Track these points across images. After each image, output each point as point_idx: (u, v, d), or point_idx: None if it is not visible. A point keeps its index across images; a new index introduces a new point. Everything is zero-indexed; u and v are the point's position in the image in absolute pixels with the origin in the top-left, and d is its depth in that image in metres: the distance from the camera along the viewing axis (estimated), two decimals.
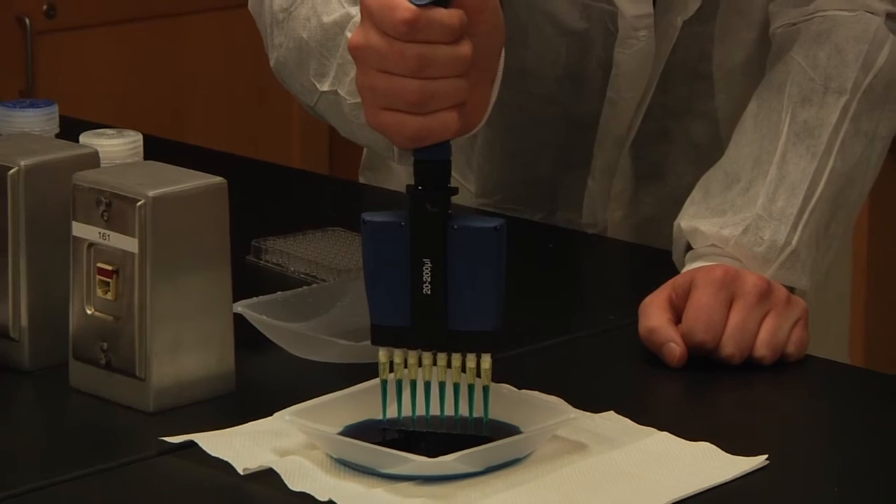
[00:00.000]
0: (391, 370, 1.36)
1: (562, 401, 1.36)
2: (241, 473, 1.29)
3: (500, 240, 1.37)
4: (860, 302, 3.11)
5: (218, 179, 1.41)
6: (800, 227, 1.61)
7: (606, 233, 1.86)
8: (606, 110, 1.80)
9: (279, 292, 1.56)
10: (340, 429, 1.32)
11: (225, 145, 2.54)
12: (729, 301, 1.51)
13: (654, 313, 1.52)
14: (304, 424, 1.31)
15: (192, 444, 1.32)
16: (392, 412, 1.36)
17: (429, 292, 1.36)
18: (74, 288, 1.41)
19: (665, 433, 1.35)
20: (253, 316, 1.49)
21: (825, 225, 1.64)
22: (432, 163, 1.37)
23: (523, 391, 1.38)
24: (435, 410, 1.35)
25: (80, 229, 1.40)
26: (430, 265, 1.36)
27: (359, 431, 1.32)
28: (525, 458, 1.30)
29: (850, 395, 1.51)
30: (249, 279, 1.58)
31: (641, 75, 1.77)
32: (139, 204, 1.37)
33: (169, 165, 1.44)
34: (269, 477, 1.28)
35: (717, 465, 1.31)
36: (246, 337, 1.46)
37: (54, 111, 1.69)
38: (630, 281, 1.85)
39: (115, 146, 1.61)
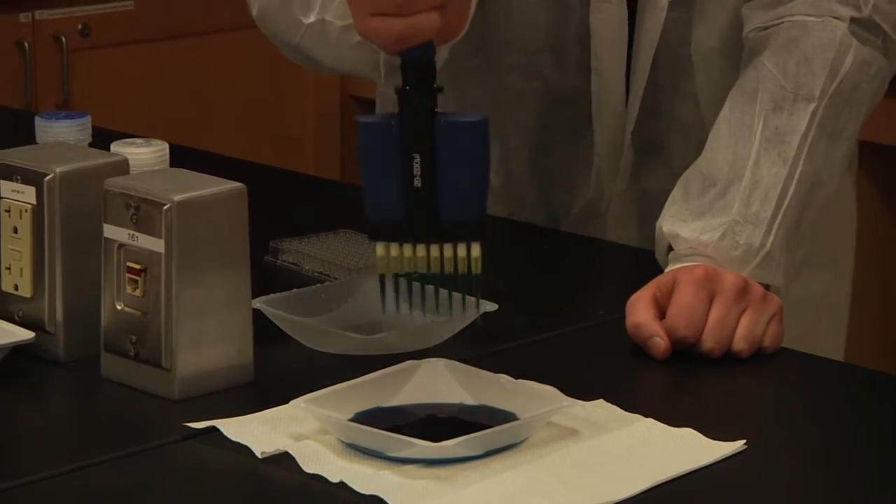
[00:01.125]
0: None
1: (555, 390, 1.35)
2: (260, 457, 1.28)
3: (484, 133, 1.40)
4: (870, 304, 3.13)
5: (238, 185, 1.40)
6: (773, 230, 1.61)
7: (610, 206, 1.85)
8: (595, 83, 1.78)
9: (294, 289, 1.55)
10: (351, 415, 1.31)
11: (244, 153, 2.53)
12: (709, 299, 1.50)
13: (639, 310, 1.51)
14: (318, 411, 1.30)
15: (214, 429, 1.32)
16: (391, 307, 1.43)
17: (419, 185, 1.38)
18: (105, 285, 1.41)
19: (650, 420, 1.34)
20: (270, 311, 1.48)
21: (796, 225, 1.64)
22: (418, 62, 1.40)
23: (519, 381, 1.37)
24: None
25: (110, 231, 1.40)
26: (419, 160, 1.38)
27: (368, 418, 1.31)
28: (521, 442, 1.29)
29: (825, 386, 1.51)
30: (267, 277, 1.57)
31: (618, 42, 1.75)
32: (165, 208, 1.36)
33: (192, 172, 1.44)
34: (285, 460, 1.27)
35: (698, 449, 1.30)
36: (264, 330, 1.45)
37: (87, 122, 1.69)
38: (617, 279, 1.84)
39: (143, 154, 1.61)
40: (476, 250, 1.40)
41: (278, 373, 1.43)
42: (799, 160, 1.64)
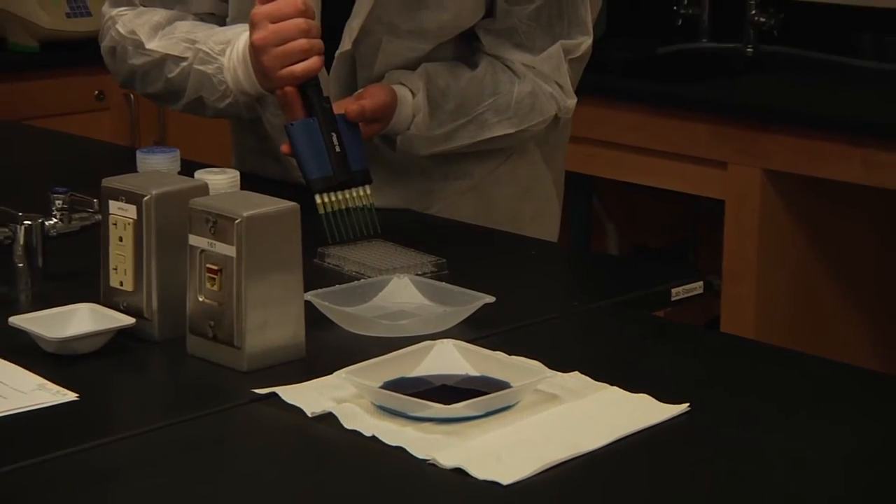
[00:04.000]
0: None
1: (540, 364, 1.35)
2: (309, 416, 1.28)
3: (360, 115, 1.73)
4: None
5: (292, 204, 1.40)
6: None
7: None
8: None
9: (337, 285, 1.54)
10: (381, 384, 1.30)
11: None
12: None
13: None
14: (355, 380, 1.30)
15: (274, 394, 1.31)
16: (336, 250, 1.65)
17: (339, 150, 1.70)
18: (190, 282, 1.40)
19: (615, 388, 1.33)
20: (318, 302, 1.48)
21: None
22: (315, 83, 1.71)
23: (512, 357, 1.36)
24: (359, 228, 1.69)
25: (194, 240, 1.39)
26: (336, 136, 1.70)
27: (394, 385, 1.30)
28: (514, 405, 1.29)
29: (747, 360, 1.50)
30: (316, 276, 1.56)
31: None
32: (237, 222, 1.35)
33: (257, 194, 1.43)
34: (329, 418, 1.27)
35: (652, 410, 1.29)
36: (313, 317, 1.44)
37: (177, 155, 1.69)
38: (587, 276, 1.84)
39: (220, 180, 1.62)
40: (370, 188, 1.72)
41: (324, 350, 1.42)
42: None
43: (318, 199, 1.68)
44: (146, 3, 1.87)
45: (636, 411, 1.28)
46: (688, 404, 1.29)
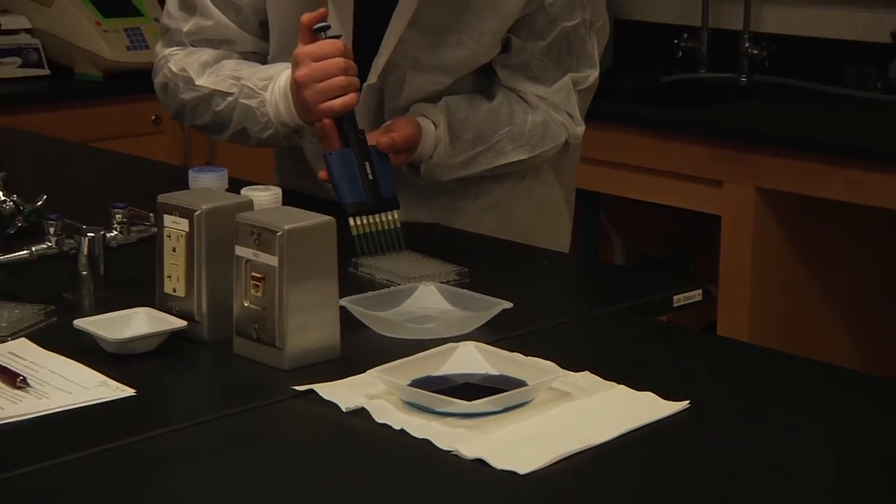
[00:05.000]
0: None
1: (554, 364, 1.34)
2: (344, 410, 1.27)
3: (390, 147, 1.73)
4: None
5: (329, 218, 1.39)
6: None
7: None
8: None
9: (369, 292, 1.53)
10: (409, 381, 1.30)
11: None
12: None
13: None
14: (385, 378, 1.29)
15: (312, 391, 1.31)
16: (368, 260, 1.65)
17: (371, 178, 1.70)
18: (236, 288, 1.39)
19: (622, 386, 1.32)
20: (352, 307, 1.47)
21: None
22: (351, 116, 1.70)
23: (528, 357, 1.35)
24: (387, 248, 1.69)
25: (240, 251, 1.38)
26: (369, 165, 1.70)
27: (421, 383, 1.30)
28: (530, 401, 1.28)
29: (746, 362, 1.49)
30: (350, 283, 1.55)
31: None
32: (278, 234, 1.35)
33: (296, 209, 1.42)
34: (362, 413, 1.26)
35: (655, 407, 1.28)
36: (348, 321, 1.44)
37: (225, 174, 1.69)
38: (595, 284, 1.83)
39: (263, 197, 1.61)
40: (398, 213, 1.71)
41: (357, 351, 1.41)
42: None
43: (351, 221, 1.67)
44: (195, 43, 1.87)
45: (641, 408, 1.28)
46: (688, 401, 1.28)
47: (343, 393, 1.30)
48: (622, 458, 1.20)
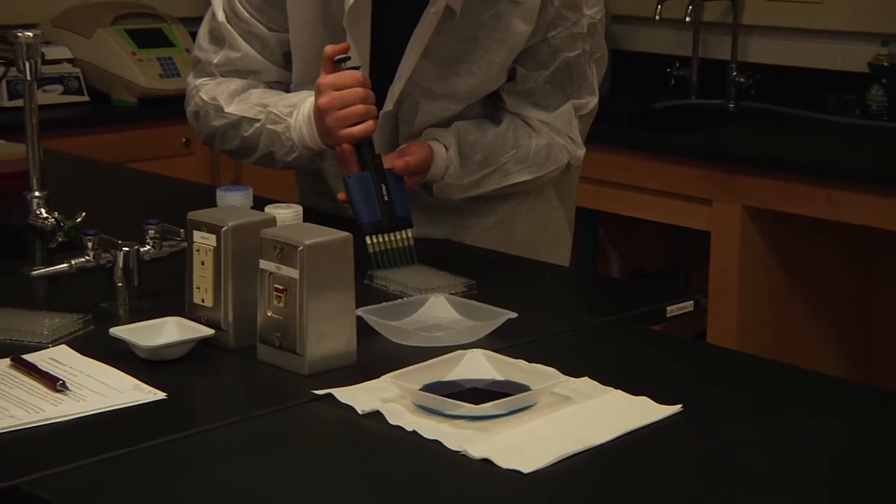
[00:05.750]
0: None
1: (555, 370, 1.33)
2: (360, 413, 1.26)
3: (404, 170, 1.72)
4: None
5: (346, 234, 1.39)
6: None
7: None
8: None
9: (383, 302, 1.53)
10: (420, 386, 1.29)
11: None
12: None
13: None
14: (399, 383, 1.28)
15: (330, 395, 1.30)
16: (383, 272, 1.65)
17: (387, 199, 1.70)
18: (260, 299, 1.39)
19: (619, 391, 1.32)
20: (367, 317, 1.46)
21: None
22: (368, 142, 1.70)
23: (531, 363, 1.35)
24: (400, 264, 1.69)
25: (264, 264, 1.38)
26: (385, 188, 1.70)
27: (432, 388, 1.29)
28: (533, 405, 1.27)
29: (733, 370, 1.48)
30: (365, 294, 1.55)
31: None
32: (299, 249, 1.35)
33: (316, 225, 1.42)
34: (376, 415, 1.26)
35: (650, 410, 1.27)
36: (363, 329, 1.43)
37: (250, 193, 1.69)
38: (594, 296, 1.82)
39: (285, 214, 1.61)
40: (411, 232, 1.70)
41: (373, 358, 1.40)
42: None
43: (367, 240, 1.67)
44: (225, 74, 1.87)
45: (637, 411, 1.27)
46: (681, 405, 1.27)
47: (359, 396, 1.29)
48: (620, 458, 1.19)
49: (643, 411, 1.27)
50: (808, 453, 1.21)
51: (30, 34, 1.66)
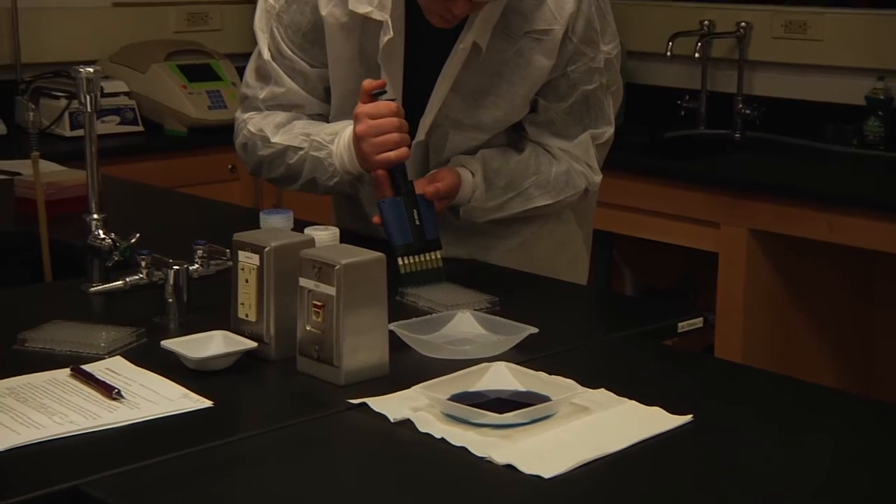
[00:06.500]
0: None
1: (574, 382, 1.33)
2: (392, 421, 1.26)
3: (434, 195, 1.73)
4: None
5: (380, 254, 1.39)
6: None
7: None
8: None
9: (413, 318, 1.52)
10: (448, 396, 1.28)
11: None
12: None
13: None
14: (428, 393, 1.28)
15: (364, 404, 1.30)
16: (413, 290, 1.64)
17: (418, 223, 1.70)
18: (300, 314, 1.39)
19: (633, 401, 1.31)
20: (399, 331, 1.46)
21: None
22: (402, 168, 1.70)
23: (552, 376, 1.34)
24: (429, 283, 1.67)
25: (303, 282, 1.38)
26: (416, 212, 1.70)
27: (459, 398, 1.29)
28: (553, 415, 1.27)
29: (743, 382, 1.46)
30: (397, 310, 1.54)
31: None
32: (336, 268, 1.35)
33: (352, 246, 1.42)
34: (407, 423, 1.25)
35: (662, 420, 1.27)
36: (395, 343, 1.43)
37: (290, 216, 1.69)
38: (610, 312, 1.81)
39: (324, 235, 1.61)
40: (440, 253, 1.70)
41: (404, 369, 1.40)
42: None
43: (399, 260, 1.67)
44: (270, 108, 1.88)
45: (650, 421, 1.26)
46: (691, 415, 1.27)
47: (391, 405, 1.29)
48: (634, 465, 1.18)
49: (656, 421, 1.26)
50: (811, 460, 1.20)
51: (90, 70, 1.67)
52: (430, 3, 1.67)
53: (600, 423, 1.25)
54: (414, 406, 1.28)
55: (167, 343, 1.41)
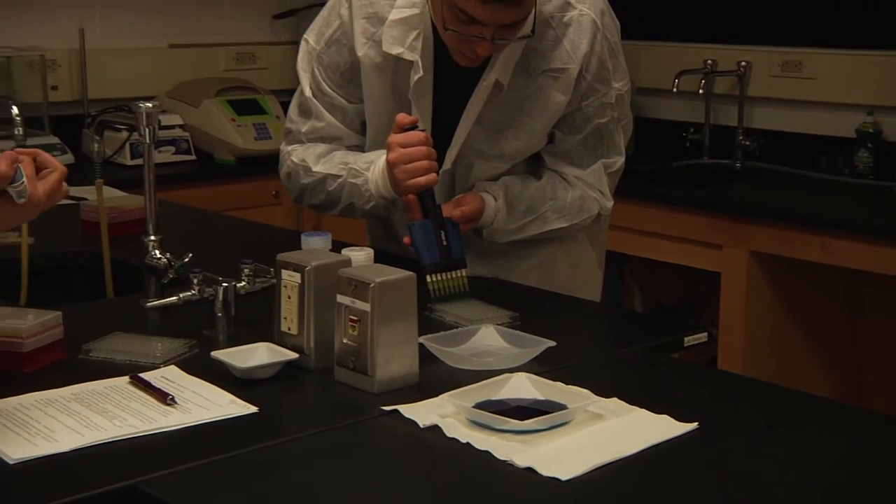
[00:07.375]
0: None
1: (588, 391, 1.32)
2: (421, 427, 1.26)
3: (461, 219, 1.72)
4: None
5: (411, 273, 1.38)
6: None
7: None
8: None
9: (441, 332, 1.52)
10: (473, 404, 1.28)
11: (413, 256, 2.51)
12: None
13: None
14: (455, 401, 1.28)
15: (396, 411, 1.30)
16: (441, 306, 1.63)
17: (446, 244, 1.69)
18: (337, 328, 1.39)
19: (643, 409, 1.30)
20: (428, 344, 1.46)
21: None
22: (431, 192, 1.70)
23: (568, 385, 1.34)
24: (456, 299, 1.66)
25: (341, 298, 1.38)
26: (444, 233, 1.69)
27: (483, 405, 1.28)
28: (570, 421, 1.26)
29: (748, 393, 1.45)
30: (425, 324, 1.54)
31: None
32: (371, 286, 1.34)
33: (385, 265, 1.42)
34: (436, 429, 1.25)
35: (671, 427, 1.26)
36: (424, 355, 1.42)
37: (329, 238, 1.69)
38: (621, 328, 1.80)
39: (359, 256, 1.60)
40: (465, 271, 1.69)
41: (432, 379, 1.39)
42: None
43: (428, 278, 1.67)
44: (311, 140, 1.89)
45: (659, 427, 1.25)
46: (697, 423, 1.25)
47: (421, 412, 1.28)
48: (645, 468, 1.17)
49: (664, 427, 1.25)
50: (811, 465, 1.19)
51: (149, 105, 1.69)
52: (456, 45, 1.68)
53: (613, 430, 1.25)
54: (442, 413, 1.28)
55: (216, 354, 1.41)
